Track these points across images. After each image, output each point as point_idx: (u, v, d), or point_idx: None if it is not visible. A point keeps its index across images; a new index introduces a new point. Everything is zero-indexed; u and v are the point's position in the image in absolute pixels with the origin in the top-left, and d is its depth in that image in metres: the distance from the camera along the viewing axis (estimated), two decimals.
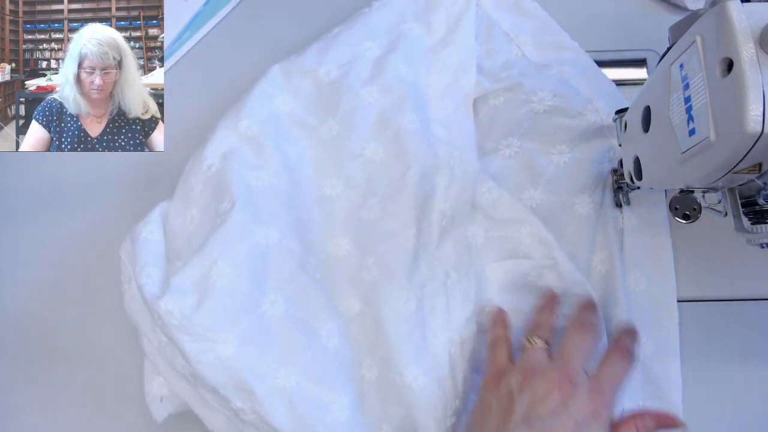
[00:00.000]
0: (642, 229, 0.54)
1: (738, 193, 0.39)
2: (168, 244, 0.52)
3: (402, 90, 0.54)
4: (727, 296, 0.54)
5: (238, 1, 0.65)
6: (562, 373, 0.42)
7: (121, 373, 0.54)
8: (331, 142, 0.55)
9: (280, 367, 0.48)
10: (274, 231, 0.51)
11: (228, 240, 0.49)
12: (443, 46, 0.57)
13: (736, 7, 0.32)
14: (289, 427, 0.46)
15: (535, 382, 0.42)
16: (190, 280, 0.48)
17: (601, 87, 0.57)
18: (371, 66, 0.56)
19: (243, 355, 0.47)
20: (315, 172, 0.55)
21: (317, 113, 0.56)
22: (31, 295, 0.58)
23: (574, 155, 0.55)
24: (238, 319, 0.48)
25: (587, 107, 0.54)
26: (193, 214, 0.53)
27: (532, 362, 0.44)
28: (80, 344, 0.56)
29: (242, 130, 0.54)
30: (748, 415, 0.52)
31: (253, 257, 0.50)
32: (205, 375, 0.46)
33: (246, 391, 0.46)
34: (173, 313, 0.46)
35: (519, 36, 0.59)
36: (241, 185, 0.51)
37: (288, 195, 0.53)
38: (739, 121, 0.31)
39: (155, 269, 0.49)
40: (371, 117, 0.55)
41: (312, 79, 0.56)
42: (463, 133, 0.54)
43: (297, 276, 0.51)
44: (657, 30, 0.49)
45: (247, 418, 0.47)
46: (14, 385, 0.56)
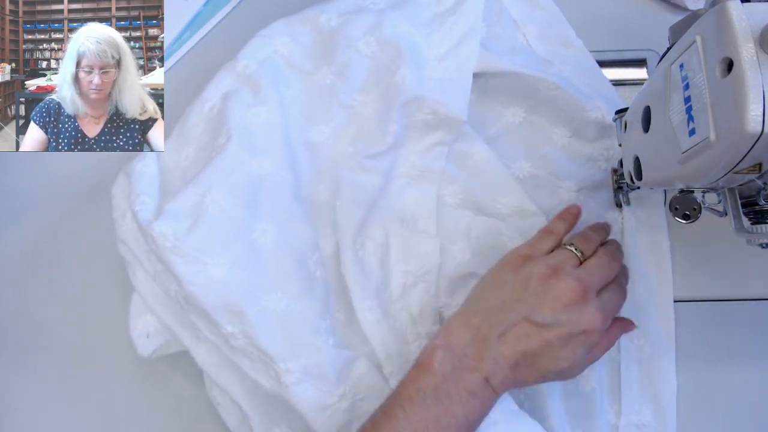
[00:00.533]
0: (640, 230, 0.54)
1: (738, 193, 0.39)
2: (162, 179, 0.53)
3: (398, 45, 0.54)
4: (726, 296, 0.54)
5: (238, 1, 0.65)
6: (579, 284, 0.43)
7: (121, 373, 0.54)
8: (324, 90, 0.56)
9: (270, 290, 0.49)
10: (268, 163, 0.52)
11: (222, 169, 0.50)
12: (450, 14, 0.57)
13: (736, 7, 0.32)
14: (279, 349, 0.47)
15: (552, 282, 0.43)
16: (183, 205, 0.49)
17: (600, 90, 0.57)
18: (373, 18, 0.56)
19: (234, 277, 0.48)
20: (304, 118, 0.56)
21: (313, 59, 0.57)
22: (30, 295, 0.58)
23: (573, 141, 0.56)
24: (230, 243, 0.49)
25: (590, 104, 0.54)
26: (189, 152, 0.54)
27: (560, 263, 0.44)
28: (79, 344, 0.56)
29: (240, 69, 0.55)
30: (747, 415, 0.52)
31: (247, 186, 0.51)
32: (197, 297, 0.47)
33: (237, 314, 0.47)
34: (166, 235, 0.47)
35: (526, 26, 0.60)
36: (238, 121, 0.52)
37: (283, 131, 0.54)
38: (739, 121, 0.31)
39: (149, 198, 0.50)
40: (365, 70, 0.55)
41: (312, 24, 0.57)
42: (459, 95, 0.55)
43: (289, 205, 0.52)
44: (657, 30, 0.49)
45: (236, 343, 0.47)
46: (14, 384, 0.56)
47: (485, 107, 0.57)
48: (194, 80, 0.57)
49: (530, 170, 0.55)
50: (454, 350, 0.42)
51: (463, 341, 0.43)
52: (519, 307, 0.43)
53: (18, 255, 0.59)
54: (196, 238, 0.48)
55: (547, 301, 0.42)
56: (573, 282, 0.43)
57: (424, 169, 0.54)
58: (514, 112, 0.57)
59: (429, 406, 0.40)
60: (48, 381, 0.56)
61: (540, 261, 0.45)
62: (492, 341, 0.42)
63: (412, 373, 0.43)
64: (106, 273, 0.56)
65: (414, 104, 0.53)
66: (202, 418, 0.53)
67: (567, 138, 0.56)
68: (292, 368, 0.47)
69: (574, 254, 0.45)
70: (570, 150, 0.56)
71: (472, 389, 0.41)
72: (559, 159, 0.55)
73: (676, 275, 0.53)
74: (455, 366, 0.42)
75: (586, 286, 0.43)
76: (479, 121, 0.57)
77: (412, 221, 0.53)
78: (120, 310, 0.53)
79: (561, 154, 0.56)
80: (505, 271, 0.45)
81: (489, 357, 0.42)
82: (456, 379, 0.41)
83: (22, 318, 0.57)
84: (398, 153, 0.54)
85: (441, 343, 0.43)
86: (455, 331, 0.43)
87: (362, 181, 0.53)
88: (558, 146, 0.56)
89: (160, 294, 0.51)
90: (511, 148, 0.56)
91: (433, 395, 0.41)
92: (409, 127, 0.54)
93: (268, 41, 0.56)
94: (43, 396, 0.55)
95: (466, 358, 0.42)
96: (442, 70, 0.55)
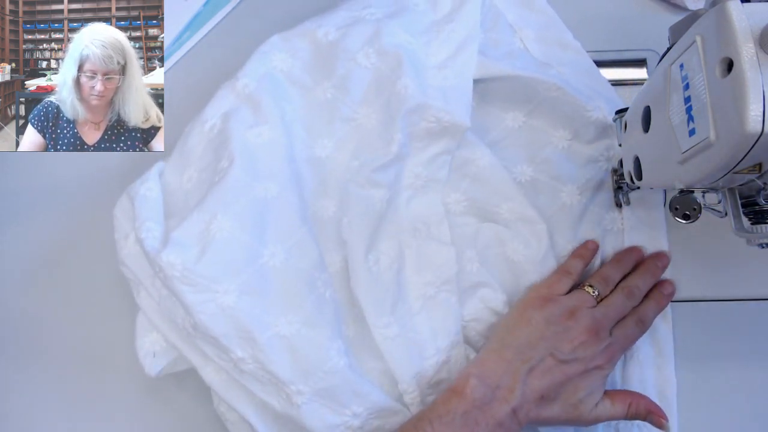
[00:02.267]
0: (640, 230, 0.54)
1: (738, 193, 0.39)
2: (165, 201, 0.53)
3: (398, 55, 0.54)
4: (726, 296, 0.54)
5: (238, 1, 0.65)
6: (594, 324, 0.47)
7: (122, 373, 0.54)
8: (325, 104, 0.56)
9: (280, 315, 0.48)
10: (273, 185, 0.52)
11: (227, 195, 0.50)
12: (448, 21, 0.57)
13: (736, 7, 0.32)
14: (290, 373, 0.47)
15: (571, 323, 0.47)
16: (190, 233, 0.49)
17: (600, 90, 0.57)
18: (371, 29, 0.56)
19: (244, 304, 0.48)
20: (307, 133, 0.55)
21: (313, 74, 0.57)
22: (30, 295, 0.58)
23: (573, 144, 0.56)
24: (238, 269, 0.48)
25: (591, 103, 0.54)
26: (191, 173, 0.54)
27: (578, 304, 0.48)
28: (79, 344, 0.56)
29: (240, 88, 0.54)
30: (747, 414, 0.52)
31: (252, 211, 0.50)
32: (207, 325, 0.47)
33: (247, 340, 0.47)
34: (175, 264, 0.47)
35: (523, 30, 0.60)
36: (240, 143, 0.52)
37: (287, 149, 0.54)
38: (739, 121, 0.31)
39: (155, 224, 0.50)
40: (366, 81, 0.55)
41: (310, 39, 0.57)
42: (461, 102, 0.54)
43: (297, 228, 0.51)
44: (657, 30, 0.49)
45: (246, 367, 0.47)
46: (13, 385, 0.56)
47: (485, 113, 0.57)
48: (194, 80, 0.57)
49: (532, 174, 0.55)
50: (487, 380, 0.45)
51: (497, 373, 0.45)
52: (543, 344, 0.46)
53: (18, 255, 0.59)
54: (204, 267, 0.48)
55: (566, 339, 0.46)
56: (588, 322, 0.47)
57: (429, 179, 0.53)
58: (514, 116, 0.57)
59: (456, 427, 0.43)
60: (48, 384, 0.56)
61: (561, 302, 0.48)
62: (522, 374, 0.45)
63: (444, 395, 0.45)
64: (106, 273, 0.56)
65: (417, 113, 0.53)
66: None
67: (567, 141, 0.56)
68: (303, 390, 0.47)
69: (590, 296, 0.49)
70: (571, 153, 0.56)
71: (500, 419, 0.44)
72: (560, 162, 0.55)
73: (676, 275, 0.52)
74: (486, 395, 0.44)
75: (598, 327, 0.47)
76: (480, 126, 0.56)
77: (424, 230, 0.52)
78: (120, 312, 0.53)
79: (562, 157, 0.55)
80: (529, 310, 0.48)
81: (519, 389, 0.45)
82: (486, 408, 0.44)
83: (22, 320, 0.57)
84: (403, 165, 0.53)
85: (475, 372, 0.46)
86: (489, 363, 0.46)
87: (369, 195, 0.52)
88: (559, 149, 0.56)
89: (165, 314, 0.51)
90: (511, 153, 0.56)
91: (462, 418, 0.43)
92: (413, 137, 0.53)
93: (267, 57, 0.56)
94: (44, 401, 0.55)
95: (498, 390, 0.45)
96: (442, 77, 0.55)
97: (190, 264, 0.47)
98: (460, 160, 0.55)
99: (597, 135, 0.55)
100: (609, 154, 0.55)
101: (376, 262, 0.51)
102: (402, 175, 0.53)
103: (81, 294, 0.57)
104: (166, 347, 0.51)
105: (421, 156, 0.54)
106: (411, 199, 0.53)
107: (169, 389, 0.54)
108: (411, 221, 0.52)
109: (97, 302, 0.56)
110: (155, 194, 0.52)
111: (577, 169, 0.55)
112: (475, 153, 0.54)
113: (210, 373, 0.49)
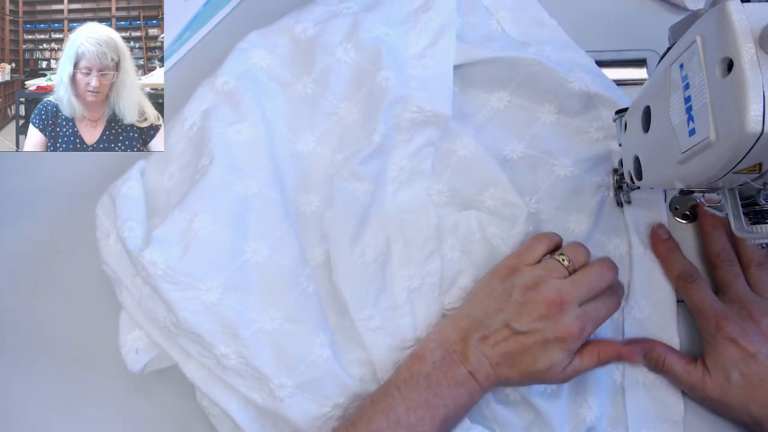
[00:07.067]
0: (640, 230, 0.54)
1: (738, 193, 0.39)
2: (147, 199, 0.53)
3: (377, 48, 0.55)
4: None
5: (238, 1, 0.65)
6: (558, 295, 0.45)
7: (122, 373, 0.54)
8: (306, 100, 0.56)
9: (263, 311, 0.49)
10: (253, 182, 0.52)
11: (207, 193, 0.51)
12: (424, 10, 0.57)
13: (736, 7, 0.32)
14: (273, 367, 0.48)
15: (531, 294, 0.46)
16: (172, 231, 0.49)
17: (579, 62, 0.57)
18: (348, 23, 0.56)
19: (227, 300, 0.48)
20: (289, 129, 0.56)
21: (293, 70, 0.57)
22: (29, 296, 0.58)
23: (561, 117, 0.56)
24: (221, 267, 0.49)
25: (571, 75, 0.54)
26: (172, 171, 0.54)
27: (544, 274, 0.47)
28: (79, 344, 0.56)
29: (219, 86, 0.55)
30: None
31: (234, 208, 0.51)
32: (191, 322, 0.47)
33: (231, 336, 0.48)
34: (157, 263, 0.47)
35: (499, 11, 0.60)
36: (219, 141, 0.52)
37: (267, 146, 0.54)
38: (739, 121, 0.31)
39: (137, 223, 0.50)
40: (346, 76, 0.56)
41: (288, 36, 0.57)
42: (442, 90, 0.55)
43: (279, 224, 0.52)
44: (657, 30, 0.49)
45: (229, 363, 0.48)
46: (12, 384, 0.56)
47: (469, 97, 0.57)
48: (194, 80, 0.57)
49: (523, 150, 0.55)
50: (444, 346, 0.47)
51: (451, 339, 0.48)
52: (500, 315, 0.47)
53: (18, 255, 0.59)
54: (187, 265, 0.48)
55: (524, 311, 0.46)
56: (551, 294, 0.46)
57: (414, 171, 0.54)
58: (499, 96, 0.57)
59: (421, 389, 0.45)
60: (46, 382, 0.56)
61: (526, 272, 0.47)
62: (473, 341, 0.47)
63: (407, 361, 0.48)
64: (106, 274, 0.56)
65: (399, 104, 0.53)
66: (194, 426, 0.53)
67: (554, 114, 0.56)
68: (286, 384, 0.48)
69: (561, 265, 0.47)
70: (559, 126, 0.56)
71: (458, 379, 0.46)
72: (550, 136, 0.55)
73: None
74: (444, 358, 0.47)
75: (564, 299, 0.45)
76: (465, 111, 0.57)
77: (412, 221, 0.52)
78: (117, 310, 0.53)
79: (551, 132, 0.56)
80: (494, 280, 0.48)
81: (472, 355, 0.46)
82: (444, 370, 0.46)
83: (21, 319, 0.57)
84: (388, 158, 0.53)
85: (433, 338, 0.48)
86: (446, 331, 0.48)
87: (354, 188, 0.52)
88: (547, 124, 0.56)
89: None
90: (501, 133, 0.56)
91: (425, 380, 0.46)
92: (397, 129, 0.53)
93: (246, 54, 0.56)
94: (41, 398, 0.55)
95: (453, 354, 0.47)
96: (422, 67, 0.55)
97: (172, 262, 0.48)
98: (442, 151, 0.55)
99: (583, 106, 0.55)
100: (598, 124, 0.55)
101: (361, 255, 0.51)
102: (386, 168, 0.53)
103: (81, 294, 0.57)
104: (148, 344, 0.51)
105: (405, 149, 0.54)
106: (397, 192, 0.53)
107: (153, 385, 0.54)
108: (398, 214, 0.53)
109: (97, 302, 0.56)
110: (137, 193, 0.52)
111: (567, 141, 0.55)
112: (455, 143, 0.55)
113: (192, 369, 0.50)
